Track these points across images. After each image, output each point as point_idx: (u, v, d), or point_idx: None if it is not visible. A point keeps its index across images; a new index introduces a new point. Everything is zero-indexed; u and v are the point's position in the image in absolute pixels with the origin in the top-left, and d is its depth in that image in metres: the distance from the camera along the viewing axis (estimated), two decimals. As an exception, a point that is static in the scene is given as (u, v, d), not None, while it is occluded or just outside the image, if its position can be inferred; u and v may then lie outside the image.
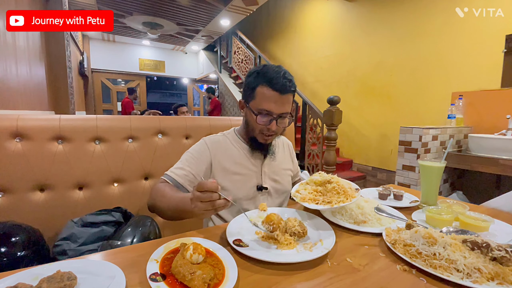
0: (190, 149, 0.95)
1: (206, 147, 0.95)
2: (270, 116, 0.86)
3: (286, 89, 0.84)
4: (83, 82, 5.75)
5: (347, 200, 0.75)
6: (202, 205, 0.61)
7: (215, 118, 1.36)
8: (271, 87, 0.83)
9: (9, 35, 1.87)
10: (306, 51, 4.56)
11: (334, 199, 0.75)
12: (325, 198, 0.76)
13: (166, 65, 7.86)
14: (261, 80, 0.85)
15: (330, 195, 0.78)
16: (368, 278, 0.53)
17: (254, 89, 0.87)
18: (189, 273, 0.47)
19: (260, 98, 0.86)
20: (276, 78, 0.83)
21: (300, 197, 0.79)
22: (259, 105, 0.86)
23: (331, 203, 0.74)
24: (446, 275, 0.52)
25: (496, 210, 0.93)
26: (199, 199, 0.61)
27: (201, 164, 0.91)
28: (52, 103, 2.96)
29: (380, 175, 3.41)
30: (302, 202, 0.76)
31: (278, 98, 0.84)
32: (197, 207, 0.62)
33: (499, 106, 2.27)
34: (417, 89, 2.94)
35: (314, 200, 0.77)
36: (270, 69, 0.86)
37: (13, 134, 0.95)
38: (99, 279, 0.49)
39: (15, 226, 0.83)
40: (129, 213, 1.05)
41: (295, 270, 0.56)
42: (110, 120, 1.13)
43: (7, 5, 1.86)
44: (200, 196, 0.61)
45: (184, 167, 0.89)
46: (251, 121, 0.90)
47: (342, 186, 0.79)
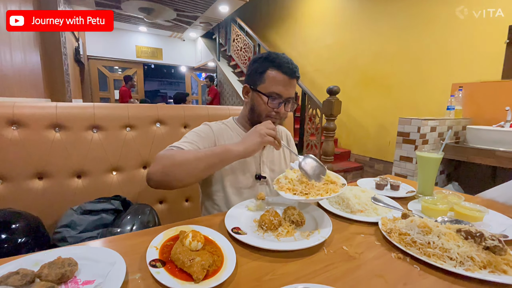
0: (195, 129, 0.94)
1: (210, 129, 0.94)
2: (279, 99, 0.88)
3: (294, 74, 0.88)
4: (79, 69, 5.65)
5: (327, 194, 0.69)
6: (269, 130, 0.78)
7: (214, 107, 1.35)
8: (281, 71, 0.87)
9: (2, 21, 1.82)
10: (306, 40, 4.49)
11: (313, 191, 0.70)
12: (303, 189, 0.71)
13: (164, 53, 7.72)
14: (270, 64, 0.88)
15: (310, 185, 0.73)
16: (363, 266, 0.55)
17: (263, 73, 0.88)
18: (188, 260, 0.48)
19: (270, 82, 0.88)
20: (285, 63, 0.87)
21: (278, 186, 0.74)
22: (269, 88, 0.88)
23: (308, 195, 0.69)
24: (439, 263, 0.53)
25: (491, 200, 0.95)
26: (267, 126, 0.79)
27: (206, 142, 0.90)
28: (48, 91, 2.92)
29: (378, 165, 3.44)
30: (279, 190, 0.71)
31: (287, 81, 0.88)
32: (264, 129, 0.78)
33: (499, 98, 2.26)
34: (418, 80, 2.93)
35: (292, 190, 0.71)
36: (278, 55, 0.89)
37: (10, 121, 0.94)
38: (99, 265, 0.49)
39: (14, 213, 0.83)
40: (128, 201, 1.06)
41: (292, 258, 0.57)
42: (108, 108, 1.12)
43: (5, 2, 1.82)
44: (268, 124, 0.81)
45: (192, 141, 0.86)
46: (258, 105, 0.91)
47: (329, 178, 0.76)
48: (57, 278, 0.44)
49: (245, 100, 0.97)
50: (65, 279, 0.45)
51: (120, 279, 0.45)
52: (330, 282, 0.49)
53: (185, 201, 1.31)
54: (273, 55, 0.89)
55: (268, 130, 0.78)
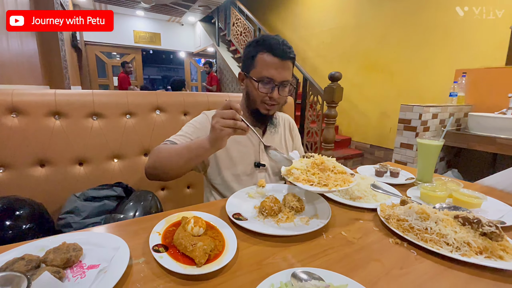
0: (191, 121, 0.95)
1: (207, 118, 0.95)
2: (272, 83, 0.86)
3: (286, 55, 0.84)
4: (76, 55, 5.55)
5: (345, 184, 0.69)
6: (223, 121, 0.63)
7: (214, 94, 1.34)
8: (271, 53, 0.83)
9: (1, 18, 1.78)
10: (308, 24, 4.37)
11: (330, 182, 0.69)
12: (320, 180, 0.70)
13: (162, 38, 7.55)
14: (261, 48, 0.85)
15: (324, 175, 0.72)
16: (361, 250, 0.56)
17: (254, 58, 0.86)
18: (191, 245, 0.49)
19: (261, 65, 0.85)
20: (276, 44, 0.83)
21: (293, 177, 0.72)
22: (260, 73, 0.85)
23: (328, 186, 0.68)
24: (436, 248, 0.54)
25: (490, 187, 0.95)
26: (222, 115, 0.63)
27: (201, 132, 0.90)
28: (46, 78, 2.88)
29: (378, 152, 3.44)
30: (296, 182, 0.70)
31: (279, 64, 0.84)
32: (218, 122, 0.63)
33: (503, 85, 2.23)
34: (421, 66, 2.87)
35: (308, 181, 0.70)
36: (269, 37, 0.86)
37: (9, 109, 0.94)
38: (104, 250, 0.50)
39: (18, 200, 0.85)
40: (130, 188, 1.07)
41: (292, 242, 0.58)
42: (107, 96, 1.11)
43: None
44: (224, 112, 0.63)
45: (186, 134, 0.89)
46: (252, 91, 0.89)
47: (340, 168, 0.76)
48: (62, 263, 0.45)
49: (241, 87, 0.96)
50: (71, 263, 0.46)
51: (124, 263, 0.46)
52: (328, 265, 0.50)
53: (186, 187, 1.32)
54: (264, 38, 0.86)
55: (223, 121, 0.63)
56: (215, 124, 0.64)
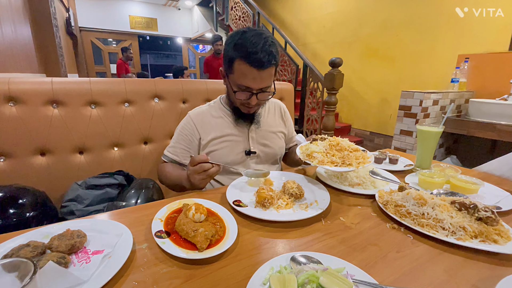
0: (179, 127, 1.00)
1: (192, 124, 0.97)
2: (249, 91, 0.84)
3: (265, 64, 0.78)
4: (72, 42, 5.43)
5: (365, 160, 0.74)
6: (199, 176, 0.72)
7: (212, 82, 1.32)
8: (249, 63, 0.78)
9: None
10: (309, 7, 4.25)
11: (353, 160, 0.73)
12: (344, 160, 0.74)
13: (159, 23, 7.35)
14: (238, 54, 0.79)
15: (343, 155, 0.76)
16: (359, 235, 0.57)
17: (232, 62, 0.82)
18: (192, 231, 0.50)
19: (238, 74, 0.81)
20: (254, 52, 0.77)
21: (318, 161, 0.74)
22: (237, 81, 0.83)
23: (352, 164, 0.73)
24: (432, 232, 0.56)
25: (488, 173, 0.96)
26: (195, 172, 0.72)
27: (191, 140, 0.98)
28: (42, 65, 2.83)
29: (378, 139, 3.45)
30: (322, 165, 0.72)
31: (256, 74, 0.80)
32: (195, 180, 0.73)
33: (505, 70, 2.20)
34: (423, 51, 2.82)
35: (332, 163, 0.73)
36: (246, 41, 0.78)
37: (6, 98, 0.93)
38: (107, 236, 0.52)
39: (21, 188, 0.85)
40: (131, 176, 1.08)
41: (291, 228, 0.59)
42: (104, 83, 1.10)
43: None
44: (195, 170, 0.72)
45: (176, 145, 0.98)
46: (231, 94, 0.89)
47: (354, 146, 0.81)
48: (67, 249, 0.46)
49: (224, 83, 0.93)
50: (75, 249, 0.47)
51: (128, 248, 0.48)
52: (326, 250, 0.51)
53: (187, 175, 1.33)
54: (243, 40, 0.78)
55: (198, 177, 0.72)
56: (193, 181, 0.73)
